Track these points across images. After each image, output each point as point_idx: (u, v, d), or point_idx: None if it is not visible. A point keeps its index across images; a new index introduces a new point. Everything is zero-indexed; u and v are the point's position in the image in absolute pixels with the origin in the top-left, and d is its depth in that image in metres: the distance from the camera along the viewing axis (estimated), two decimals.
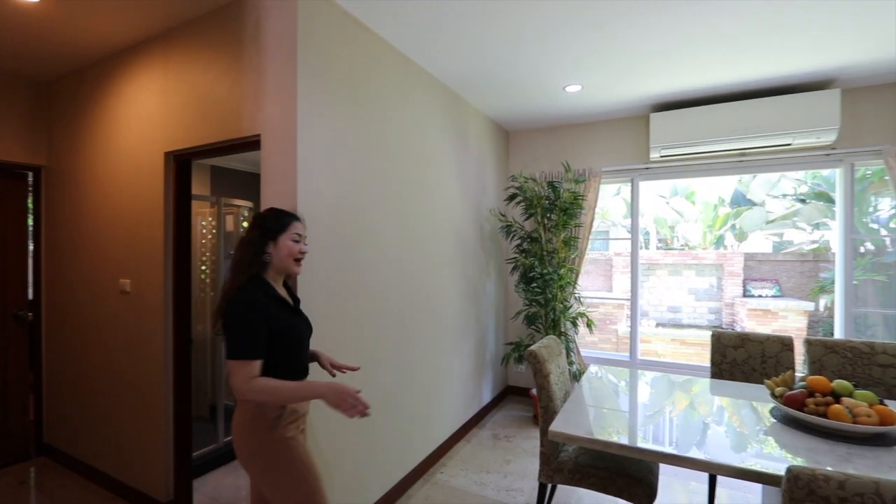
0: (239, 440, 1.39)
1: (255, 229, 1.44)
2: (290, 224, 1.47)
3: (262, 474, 1.38)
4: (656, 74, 2.85)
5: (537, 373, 1.98)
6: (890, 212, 6.24)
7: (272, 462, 1.37)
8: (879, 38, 2.38)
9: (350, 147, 2.10)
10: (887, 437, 1.50)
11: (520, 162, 4.13)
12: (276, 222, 1.45)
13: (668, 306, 8.20)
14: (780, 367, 2.34)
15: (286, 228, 1.45)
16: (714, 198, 8.51)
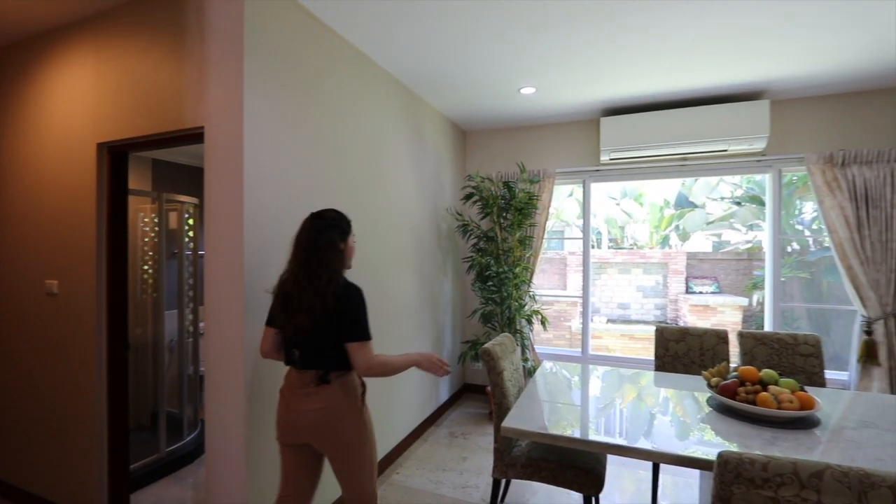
0: (332, 417, 1.51)
1: (331, 230, 1.55)
2: (350, 226, 1.64)
3: (347, 447, 1.54)
4: (605, 80, 2.96)
5: (491, 370, 2.01)
6: (812, 214, 6.82)
7: (360, 435, 1.56)
8: (801, 56, 2.59)
9: (302, 142, 2.04)
10: (806, 421, 1.64)
11: (477, 162, 4.18)
12: (347, 223, 1.62)
13: (618, 303, 8.56)
14: (717, 358, 2.50)
15: (350, 230, 1.62)
16: (660, 200, 8.96)
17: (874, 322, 3.04)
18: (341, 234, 1.58)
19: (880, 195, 3.01)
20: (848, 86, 3.06)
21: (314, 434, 1.53)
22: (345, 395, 1.54)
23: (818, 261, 6.51)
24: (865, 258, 3.04)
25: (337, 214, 1.61)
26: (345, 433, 1.53)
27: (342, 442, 1.53)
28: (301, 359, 1.53)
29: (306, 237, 1.55)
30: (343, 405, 1.53)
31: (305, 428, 1.53)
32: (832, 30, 2.28)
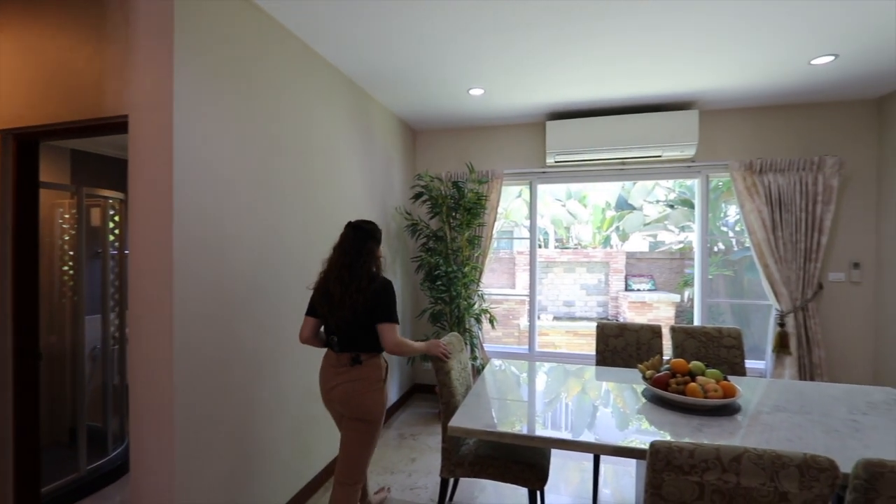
0: (361, 388, 1.84)
1: (370, 240, 1.90)
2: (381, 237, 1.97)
3: (365, 415, 1.85)
4: (550, 85, 3.05)
5: (439, 370, 2.00)
6: (735, 217, 7.42)
7: (378, 408, 1.87)
8: (725, 71, 2.80)
9: (240, 135, 1.93)
10: (729, 408, 1.77)
11: (426, 161, 4.17)
12: (380, 233, 1.97)
13: (563, 301, 8.88)
14: (652, 352, 2.65)
15: (381, 240, 1.97)
16: (602, 202, 9.40)
17: (786, 315, 3.35)
18: (377, 242, 1.94)
19: (791, 200, 3.32)
20: (765, 100, 3.35)
21: (344, 403, 1.85)
22: (372, 372, 1.87)
23: (740, 260, 7.09)
24: (779, 257, 3.35)
25: (372, 226, 1.96)
26: (367, 403, 1.84)
27: (362, 410, 1.84)
28: (339, 344, 1.86)
29: (350, 244, 1.87)
30: (371, 379, 1.86)
31: (339, 399, 1.85)
32: (752, 48, 2.49)
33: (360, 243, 1.87)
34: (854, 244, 3.36)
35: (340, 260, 1.85)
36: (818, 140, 3.40)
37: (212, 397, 1.78)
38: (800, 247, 3.31)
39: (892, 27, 2.25)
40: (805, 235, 3.30)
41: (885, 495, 0.95)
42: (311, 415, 2.52)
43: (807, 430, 1.59)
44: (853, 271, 3.36)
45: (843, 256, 3.38)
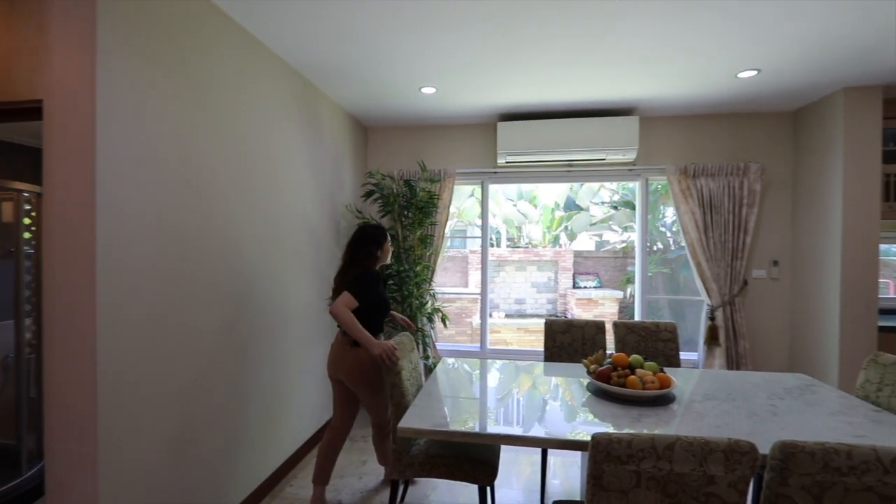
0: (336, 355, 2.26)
1: (369, 243, 2.31)
2: (387, 237, 2.40)
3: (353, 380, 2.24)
4: (500, 87, 3.10)
5: (388, 371, 1.98)
6: (672, 218, 7.90)
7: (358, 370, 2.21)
8: (661, 82, 2.97)
9: (175, 127, 1.81)
10: (665, 398, 1.88)
11: (378, 159, 4.11)
12: (383, 234, 2.37)
13: (515, 298, 9.08)
14: (596, 346, 2.76)
15: (385, 238, 2.38)
16: (551, 202, 9.69)
17: (716, 309, 3.61)
18: (377, 244, 2.32)
19: (721, 203, 3.58)
20: (698, 109, 3.59)
21: (329, 367, 2.29)
22: (343, 342, 2.23)
23: (676, 258, 7.56)
24: (710, 256, 3.59)
25: (374, 230, 2.36)
26: (343, 365, 2.22)
27: (342, 371, 2.23)
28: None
29: (352, 244, 2.32)
30: (342, 349, 2.23)
31: (329, 364, 2.29)
32: (684, 61, 2.65)
33: (359, 243, 2.30)
34: (774, 244, 3.68)
35: (344, 257, 2.34)
36: (744, 147, 3.69)
37: (142, 409, 1.65)
38: (728, 246, 3.57)
39: (805, 47, 2.47)
40: (732, 235, 3.57)
41: (797, 473, 1.04)
42: (281, 412, 2.41)
43: (733, 416, 1.71)
44: (773, 268, 3.68)
45: (764, 255, 3.69)
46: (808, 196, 3.47)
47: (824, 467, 1.02)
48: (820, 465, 1.02)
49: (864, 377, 1.99)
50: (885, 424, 1.65)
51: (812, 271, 3.42)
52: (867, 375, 1.98)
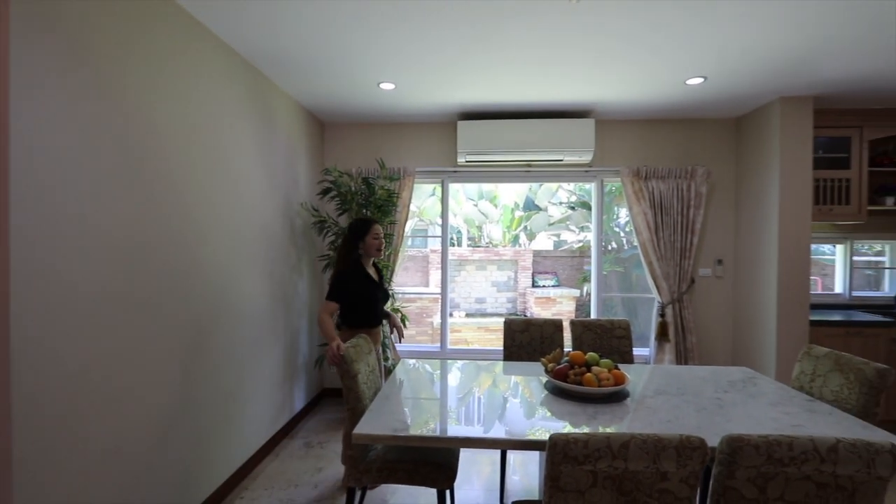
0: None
1: (352, 237, 2.45)
2: (372, 228, 2.45)
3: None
4: (460, 85, 3.08)
5: (345, 374, 1.91)
6: (625, 219, 8.20)
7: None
8: (615, 86, 3.05)
9: (108, 117, 1.66)
10: (619, 394, 1.92)
11: (335, 156, 3.99)
12: (361, 228, 2.45)
13: (475, 298, 9.13)
14: (554, 345, 2.79)
15: (368, 231, 2.44)
16: (511, 202, 9.82)
17: (666, 306, 3.75)
18: (359, 237, 2.45)
19: (670, 204, 3.73)
20: (650, 114, 3.72)
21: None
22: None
23: (629, 257, 7.85)
24: (661, 255, 3.74)
25: (356, 223, 2.49)
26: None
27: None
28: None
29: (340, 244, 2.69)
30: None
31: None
32: (636, 67, 2.73)
33: (343, 241, 2.53)
34: (718, 243, 3.88)
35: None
36: (691, 152, 3.86)
37: (72, 421, 1.50)
38: (677, 246, 3.73)
39: (746, 57, 2.60)
40: (681, 236, 3.73)
41: (744, 465, 1.07)
42: (231, 420, 2.25)
43: (682, 411, 1.77)
44: (717, 267, 3.88)
45: (709, 254, 3.88)
46: (749, 199, 3.68)
47: (768, 459, 1.05)
48: (764, 457, 1.05)
49: (799, 369, 2.12)
50: (817, 413, 1.75)
51: (752, 270, 3.63)
52: (802, 367, 2.11)
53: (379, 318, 2.53)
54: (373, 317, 2.47)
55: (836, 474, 1.06)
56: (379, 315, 2.53)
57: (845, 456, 1.04)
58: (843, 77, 2.90)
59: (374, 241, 2.45)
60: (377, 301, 2.48)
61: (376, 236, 2.45)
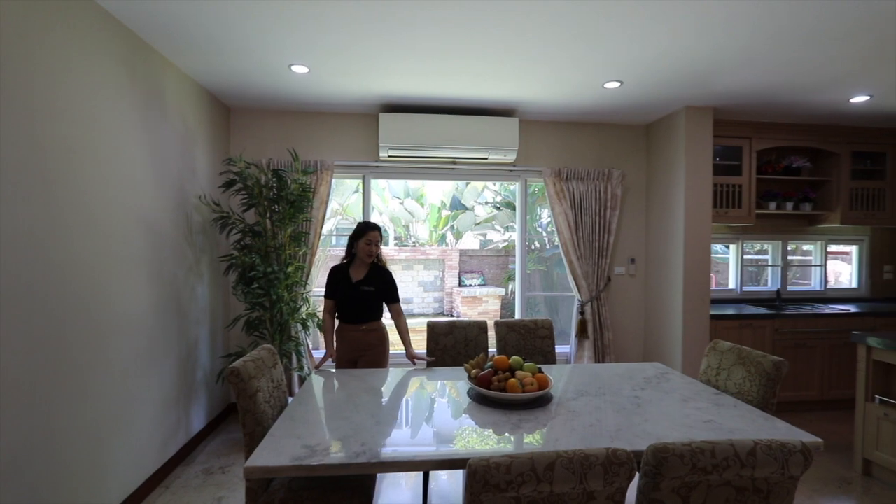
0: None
1: (351, 240, 2.62)
2: (367, 233, 2.55)
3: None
4: (382, 74, 2.89)
5: (241, 394, 1.64)
6: (547, 219, 8.50)
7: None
8: (537, 86, 3.04)
9: None
10: (543, 399, 1.86)
11: (243, 145, 3.60)
12: (359, 231, 2.58)
13: (402, 298, 8.93)
14: (479, 348, 2.71)
15: (362, 235, 2.56)
16: (438, 201, 9.77)
17: (585, 304, 3.86)
18: (354, 238, 2.58)
19: (589, 205, 3.84)
20: (571, 116, 3.80)
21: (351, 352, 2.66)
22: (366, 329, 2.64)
23: (551, 257, 8.13)
24: (581, 254, 3.83)
25: (358, 226, 2.62)
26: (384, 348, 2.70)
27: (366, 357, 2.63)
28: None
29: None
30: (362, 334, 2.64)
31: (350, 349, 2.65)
32: (557, 68, 2.73)
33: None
34: (631, 243, 4.07)
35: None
36: (608, 155, 4.01)
37: None
38: (595, 245, 3.85)
39: (657, 65, 2.71)
40: (599, 236, 3.85)
41: (669, 477, 1.02)
42: (105, 452, 1.83)
43: (603, 412, 1.74)
44: (630, 266, 4.07)
45: (624, 253, 4.06)
46: (658, 201, 3.89)
47: (693, 468, 1.01)
48: (689, 466, 1.01)
49: (706, 363, 2.22)
50: (724, 407, 1.82)
51: (661, 268, 3.84)
52: (708, 361, 2.21)
53: (361, 317, 2.60)
54: (349, 315, 2.60)
55: (753, 477, 1.05)
56: (359, 313, 2.59)
57: (763, 459, 1.03)
58: (738, 90, 3.14)
59: (365, 247, 2.55)
60: (346, 300, 2.58)
61: (369, 242, 2.55)
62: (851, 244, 4.53)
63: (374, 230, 2.55)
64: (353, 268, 2.60)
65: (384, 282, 2.63)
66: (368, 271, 2.60)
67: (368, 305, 2.59)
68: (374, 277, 2.60)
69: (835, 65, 2.70)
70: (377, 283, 2.59)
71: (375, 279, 2.60)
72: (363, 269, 2.60)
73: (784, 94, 3.19)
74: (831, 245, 4.53)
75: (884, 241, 4.51)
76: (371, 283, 2.58)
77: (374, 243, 2.54)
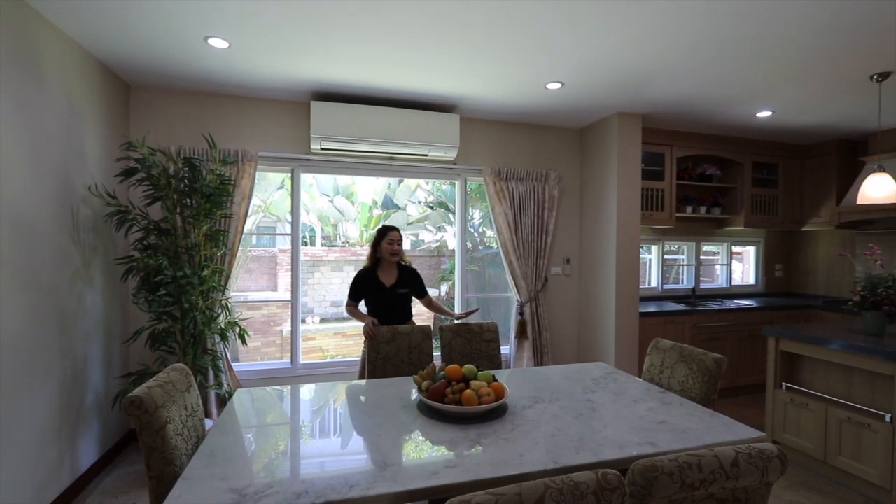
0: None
1: (372, 245, 2.74)
2: (387, 234, 2.69)
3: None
4: (315, 57, 2.62)
5: (145, 428, 1.33)
6: (479, 221, 8.56)
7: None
8: (479, 82, 2.96)
9: None
10: (500, 410, 1.75)
11: (147, 128, 3.11)
12: (380, 234, 2.70)
13: (331, 301, 8.50)
14: (423, 354, 2.55)
15: (384, 237, 2.69)
16: (369, 200, 9.44)
17: (525, 305, 3.86)
18: (378, 240, 2.72)
19: (528, 205, 3.85)
20: (512, 116, 3.77)
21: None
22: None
23: (483, 257, 8.20)
24: (520, 255, 3.83)
25: (380, 228, 2.74)
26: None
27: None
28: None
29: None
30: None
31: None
32: (504, 63, 2.66)
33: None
34: (567, 243, 4.15)
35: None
36: (546, 156, 4.06)
37: None
38: (534, 246, 3.86)
39: (598, 69, 2.74)
40: (537, 236, 3.87)
41: (658, 497, 0.94)
42: None
43: (562, 420, 1.68)
44: (566, 266, 4.15)
45: (560, 253, 4.13)
46: (591, 203, 4.01)
47: (682, 486, 0.94)
48: (678, 485, 0.94)
49: (649, 361, 2.26)
50: (671, 405, 1.84)
51: (594, 268, 3.96)
52: (651, 360, 2.25)
53: (394, 320, 2.66)
54: (383, 319, 2.63)
55: (734, 488, 1.00)
56: (393, 317, 2.67)
57: (745, 468, 0.99)
58: (664, 99, 3.30)
59: (387, 247, 2.66)
60: (380, 305, 2.68)
61: (390, 242, 2.66)
62: (750, 245, 5.04)
63: (393, 231, 2.69)
64: (381, 272, 2.70)
65: (416, 280, 2.81)
66: (399, 273, 2.73)
67: (404, 307, 2.74)
68: (407, 279, 2.75)
69: (746, 81, 2.93)
70: (410, 284, 2.77)
71: (408, 280, 2.76)
72: (392, 271, 2.72)
73: (702, 105, 3.42)
74: (735, 246, 4.99)
75: (776, 243, 5.07)
76: (405, 284, 2.73)
77: (395, 242, 2.67)
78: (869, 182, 2.84)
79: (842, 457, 2.61)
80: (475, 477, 1.25)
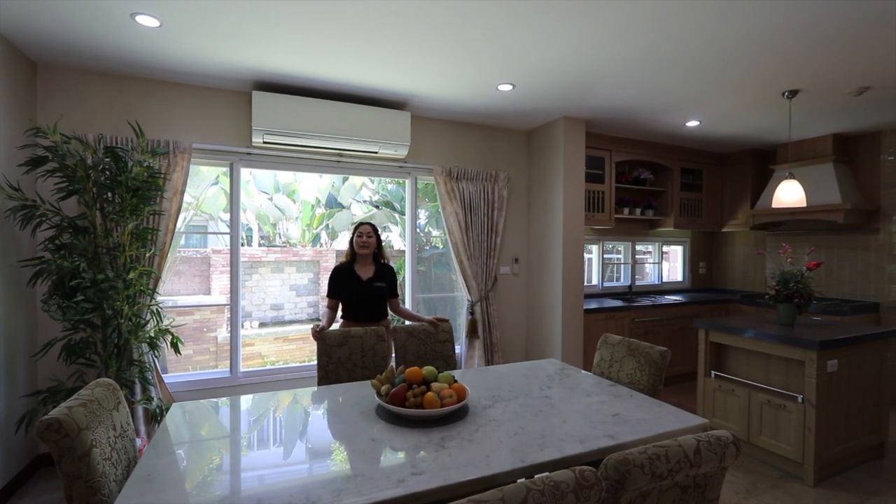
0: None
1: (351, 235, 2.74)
2: (357, 227, 2.72)
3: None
4: (258, 43, 2.45)
5: (65, 455, 1.16)
6: (425, 220, 8.53)
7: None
8: (431, 80, 2.93)
9: None
10: (462, 411, 1.73)
11: (59, 112, 2.75)
12: (354, 228, 2.73)
13: (271, 304, 8.08)
14: (377, 357, 2.47)
15: (355, 231, 2.71)
16: (312, 198, 9.09)
17: (475, 304, 3.88)
18: (352, 238, 2.73)
19: (478, 205, 3.87)
20: (462, 115, 3.78)
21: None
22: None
23: (430, 257, 8.18)
24: (470, 255, 3.84)
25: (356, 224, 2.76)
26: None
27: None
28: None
29: None
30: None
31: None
32: (457, 62, 2.65)
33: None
34: (515, 243, 4.23)
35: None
36: (496, 157, 4.11)
37: None
38: (484, 246, 3.90)
39: (548, 73, 2.82)
40: (487, 236, 3.91)
41: (630, 489, 0.96)
42: None
43: (523, 418, 1.69)
44: (515, 265, 4.23)
45: (509, 253, 4.20)
46: (538, 203, 4.12)
47: (652, 477, 0.97)
48: (649, 476, 0.96)
49: (599, 356, 2.35)
50: (622, 398, 1.92)
51: (541, 267, 4.07)
52: (601, 354, 2.34)
53: (372, 315, 2.66)
54: (360, 313, 2.65)
55: (696, 475, 1.05)
56: (370, 311, 2.66)
57: (706, 456, 1.04)
58: (606, 106, 3.46)
59: (357, 239, 2.66)
60: (358, 298, 2.64)
61: (359, 234, 2.66)
62: (678, 245, 5.44)
63: (364, 224, 2.71)
64: (358, 266, 2.69)
65: (391, 277, 2.76)
66: (377, 268, 2.72)
67: (379, 302, 2.69)
68: (384, 274, 2.73)
69: (681, 92, 3.14)
70: (387, 279, 2.73)
71: (385, 275, 2.73)
72: (369, 265, 2.71)
73: (640, 113, 3.63)
74: (665, 245, 5.36)
75: (701, 243, 5.52)
76: (381, 279, 2.70)
77: (364, 234, 2.66)
78: (782, 188, 3.15)
79: (762, 436, 2.87)
80: (444, 482, 1.22)
